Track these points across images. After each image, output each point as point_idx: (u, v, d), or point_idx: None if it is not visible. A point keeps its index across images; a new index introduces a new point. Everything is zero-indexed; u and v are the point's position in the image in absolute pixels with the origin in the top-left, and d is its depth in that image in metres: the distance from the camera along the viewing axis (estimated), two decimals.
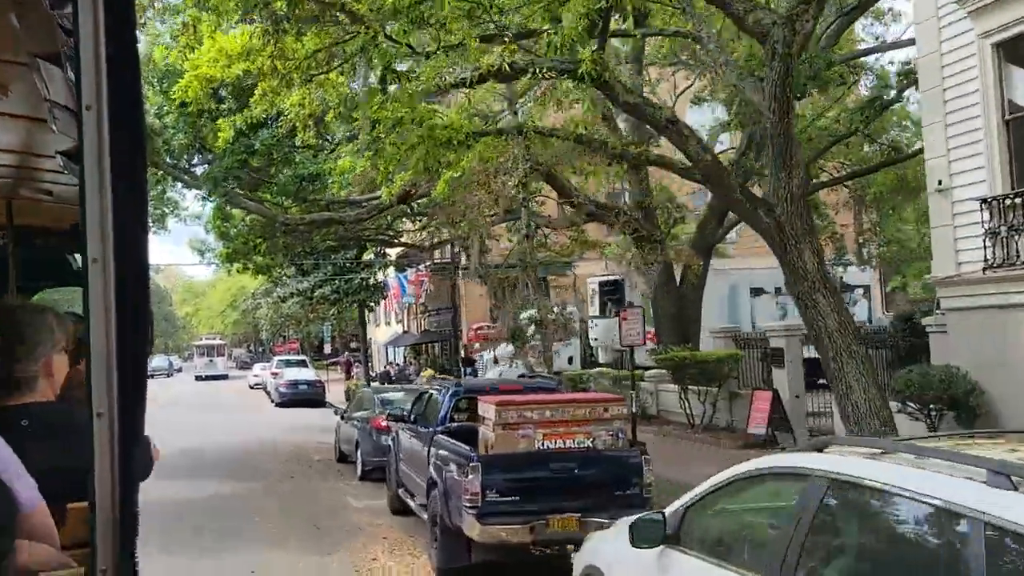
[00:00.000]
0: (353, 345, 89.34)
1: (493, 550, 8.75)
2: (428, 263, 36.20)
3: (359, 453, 16.18)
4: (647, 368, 24.23)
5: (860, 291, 31.18)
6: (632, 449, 8.98)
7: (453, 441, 9.44)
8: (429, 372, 36.14)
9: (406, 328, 45.07)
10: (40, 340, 2.59)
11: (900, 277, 33.70)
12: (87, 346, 1.77)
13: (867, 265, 32.65)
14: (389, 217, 26.82)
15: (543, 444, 8.72)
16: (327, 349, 49.33)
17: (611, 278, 26.74)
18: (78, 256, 3.29)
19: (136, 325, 1.81)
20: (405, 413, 12.72)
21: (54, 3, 1.83)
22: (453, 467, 9.04)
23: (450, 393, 10.62)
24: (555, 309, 17.32)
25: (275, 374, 41.33)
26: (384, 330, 49.36)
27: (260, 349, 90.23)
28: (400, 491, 12.22)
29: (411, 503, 11.42)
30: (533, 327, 15.63)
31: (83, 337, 1.80)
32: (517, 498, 8.53)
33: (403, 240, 29.69)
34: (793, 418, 16.00)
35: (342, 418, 18.32)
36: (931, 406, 12.38)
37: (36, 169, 3.86)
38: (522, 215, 15.74)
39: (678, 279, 22.48)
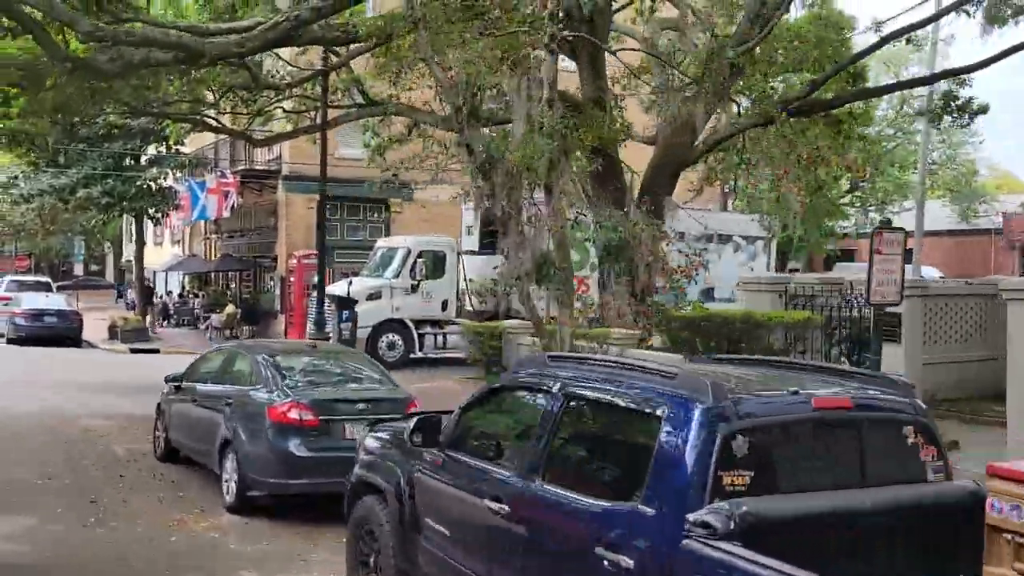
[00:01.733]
0: (93, 267, 77.31)
1: None
2: (239, 168, 27.87)
3: (230, 459, 8.99)
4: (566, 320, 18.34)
5: (760, 243, 26.86)
6: None
7: None
8: (231, 309, 28.15)
9: (190, 251, 35.97)
10: None
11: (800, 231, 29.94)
12: None
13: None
14: (217, 92, 18.81)
15: None
16: (78, 270, 38.75)
17: None
18: None
19: None
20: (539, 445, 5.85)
21: None
22: None
23: (708, 420, 3.85)
24: (664, 227, 10.65)
25: (5, 299, 31.51)
26: (154, 252, 39.67)
27: None
28: None
29: None
30: (591, 253, 8.93)
31: None
32: None
33: (224, 126, 21.40)
34: None
35: (177, 389, 10.81)
36: None
37: None
38: (544, 58, 8.97)
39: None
